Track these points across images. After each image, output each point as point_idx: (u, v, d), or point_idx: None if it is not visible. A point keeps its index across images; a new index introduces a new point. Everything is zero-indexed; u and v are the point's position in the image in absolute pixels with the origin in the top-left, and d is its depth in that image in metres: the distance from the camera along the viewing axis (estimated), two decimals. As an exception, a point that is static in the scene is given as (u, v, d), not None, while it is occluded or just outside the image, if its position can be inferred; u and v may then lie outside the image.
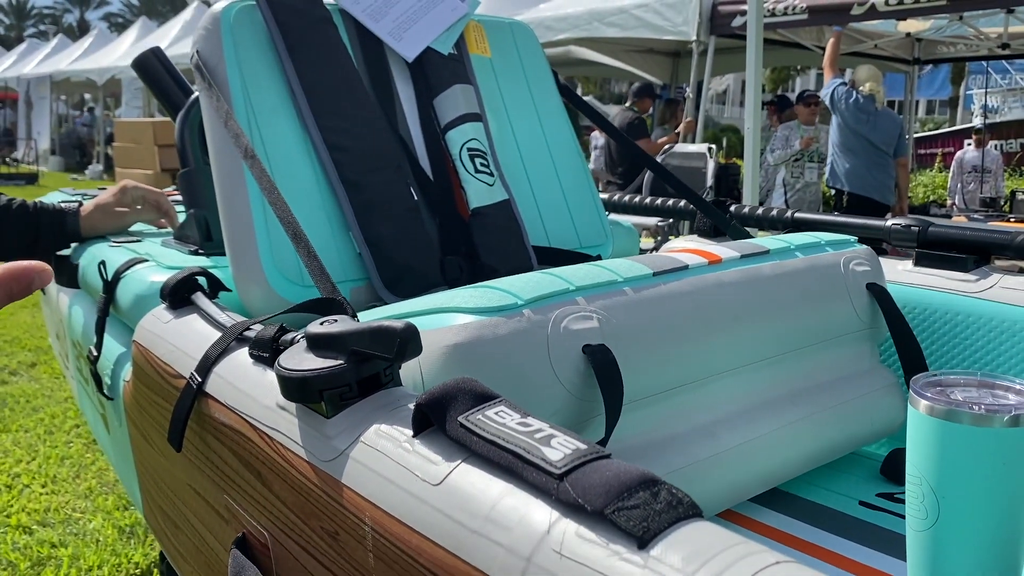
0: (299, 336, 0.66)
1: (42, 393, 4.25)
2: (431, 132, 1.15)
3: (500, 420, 0.50)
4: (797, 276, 0.93)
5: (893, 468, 1.00)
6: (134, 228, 1.44)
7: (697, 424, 0.82)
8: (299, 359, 0.61)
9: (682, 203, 1.47)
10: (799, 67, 18.53)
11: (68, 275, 1.29)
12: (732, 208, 1.36)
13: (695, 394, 0.83)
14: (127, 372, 1.03)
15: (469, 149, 1.13)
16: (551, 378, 0.71)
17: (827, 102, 5.11)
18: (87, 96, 21.54)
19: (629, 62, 8.68)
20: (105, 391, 1.11)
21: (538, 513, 0.44)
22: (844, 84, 5.08)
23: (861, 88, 5.02)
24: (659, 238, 3.55)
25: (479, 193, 1.13)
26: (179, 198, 1.78)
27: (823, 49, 6.06)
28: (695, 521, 0.41)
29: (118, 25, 40.81)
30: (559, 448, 0.46)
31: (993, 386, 0.69)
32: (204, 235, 1.19)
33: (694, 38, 6.15)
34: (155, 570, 2.58)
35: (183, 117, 1.22)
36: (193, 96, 1.24)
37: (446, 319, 0.72)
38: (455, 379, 0.53)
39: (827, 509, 0.92)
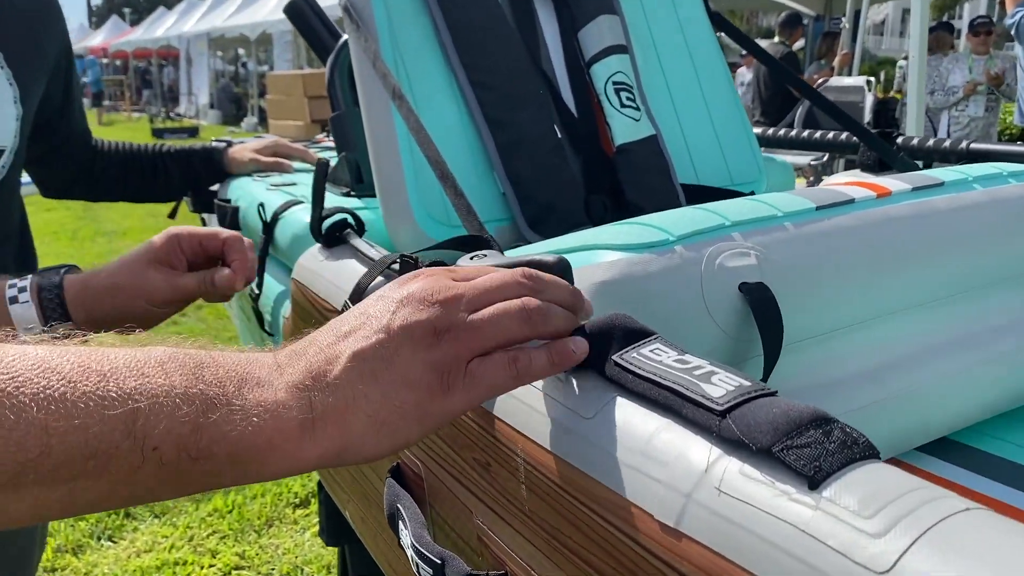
0: None
1: (208, 333, 4.56)
2: (575, 67, 1.12)
3: (656, 358, 0.48)
4: (976, 210, 0.85)
5: (1081, 421, 0.91)
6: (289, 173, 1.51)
7: (861, 368, 0.77)
8: None
9: (843, 136, 1.38)
10: (969, -10, 17.01)
11: (230, 218, 1.36)
12: (899, 140, 1.26)
13: (859, 336, 0.78)
14: (286, 309, 1.08)
15: (614, 83, 1.10)
16: (705, 318, 0.68)
17: (1013, 32, 4.63)
18: (240, 51, 22.58)
19: (778, -8, 8.23)
20: (266, 327, 1.17)
21: (697, 449, 0.42)
22: None
23: None
24: (811, 179, 3.36)
25: (624, 129, 1.10)
26: (330, 144, 1.84)
27: (998, -31, 5.51)
28: (872, 463, 0.38)
29: (268, -19, 42.36)
30: (720, 385, 0.44)
31: None
32: (355, 177, 1.22)
33: (851, -37, 5.75)
34: (313, 499, 2.74)
35: (332, 61, 1.24)
36: (342, 40, 1.26)
37: (593, 256, 0.70)
38: (608, 315, 0.52)
39: (1004, 461, 0.85)
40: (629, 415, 0.46)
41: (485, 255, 0.62)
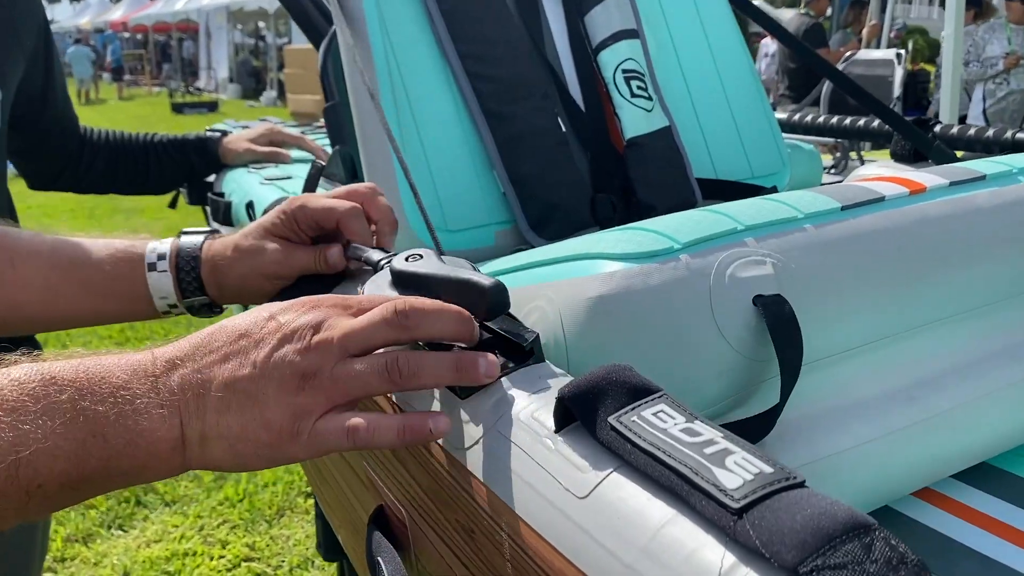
0: (383, 261, 0.63)
1: (219, 318, 4.52)
2: (582, 54, 1.03)
3: (660, 424, 0.41)
4: (1021, 207, 0.77)
5: None
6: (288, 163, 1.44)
7: (892, 387, 0.69)
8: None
9: (875, 123, 1.28)
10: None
11: (223, 213, 1.30)
12: (936, 128, 1.16)
13: (890, 351, 0.70)
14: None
15: (624, 71, 1.01)
16: (715, 335, 0.60)
17: None
18: (261, 24, 22.42)
19: (803, -43, 7.98)
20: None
21: (709, 553, 0.35)
22: None
23: None
24: (838, 154, 3.24)
25: (635, 120, 1.01)
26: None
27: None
28: (924, 589, 0.31)
29: (285, -48, 41.85)
30: (736, 470, 0.36)
31: None
32: (349, 173, 1.15)
33: (879, -75, 5.53)
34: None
35: (326, 47, 1.16)
36: (334, 27, 1.18)
37: (590, 267, 0.62)
38: (605, 367, 0.45)
39: (1052, 491, 0.77)
40: (628, 499, 0.39)
41: (421, 255, 0.59)
